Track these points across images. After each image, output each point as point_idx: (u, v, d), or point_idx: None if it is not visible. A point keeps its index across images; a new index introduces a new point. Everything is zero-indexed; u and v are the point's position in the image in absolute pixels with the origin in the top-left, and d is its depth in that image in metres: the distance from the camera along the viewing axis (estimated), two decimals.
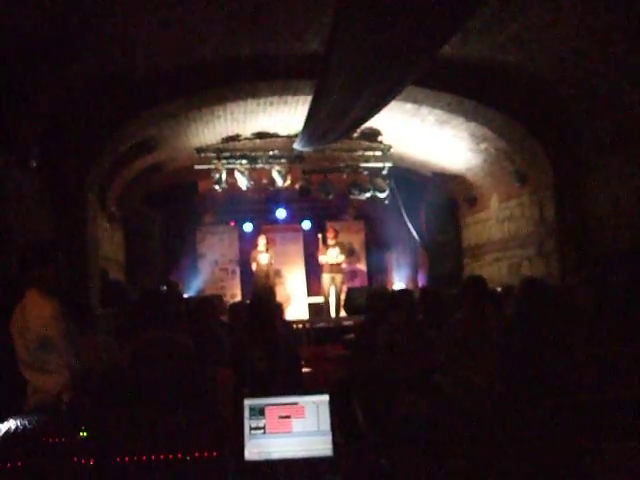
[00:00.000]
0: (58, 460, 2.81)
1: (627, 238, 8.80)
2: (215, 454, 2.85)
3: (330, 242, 14.93)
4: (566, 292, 6.53)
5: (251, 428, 3.00)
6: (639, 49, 7.43)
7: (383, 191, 14.47)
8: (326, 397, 3.08)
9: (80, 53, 7.55)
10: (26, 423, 2.96)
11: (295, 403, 3.06)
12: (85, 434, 2.93)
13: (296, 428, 3.02)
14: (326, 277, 15.03)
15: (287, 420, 3.03)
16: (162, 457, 2.80)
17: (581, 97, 8.99)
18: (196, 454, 2.83)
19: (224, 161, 13.31)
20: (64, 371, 4.51)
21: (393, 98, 7.67)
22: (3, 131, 7.52)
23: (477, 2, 5.56)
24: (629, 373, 4.42)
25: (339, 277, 14.99)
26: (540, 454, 2.98)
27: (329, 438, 3.00)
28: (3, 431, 2.91)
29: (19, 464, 2.78)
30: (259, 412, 3.03)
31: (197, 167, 13.39)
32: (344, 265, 15.17)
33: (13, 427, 2.94)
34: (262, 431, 3.00)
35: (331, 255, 14.84)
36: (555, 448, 3.01)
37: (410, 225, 15.71)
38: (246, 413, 3.02)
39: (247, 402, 3.05)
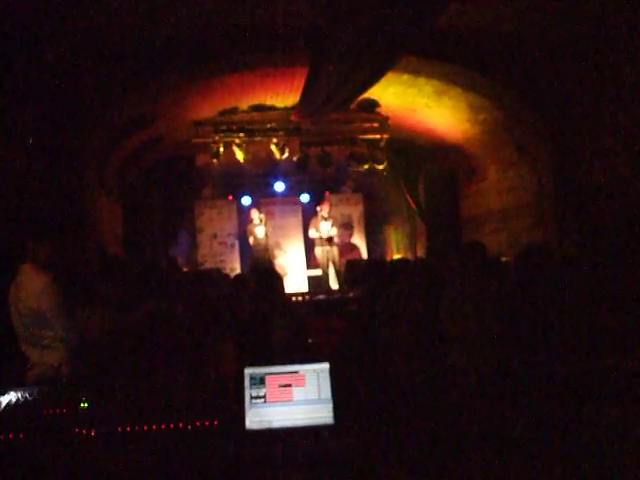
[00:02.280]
0: (59, 431, 2.83)
1: (625, 206, 8.79)
2: (216, 423, 2.87)
3: (324, 215, 14.90)
4: (565, 259, 6.54)
5: (252, 397, 3.00)
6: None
7: (381, 163, 14.46)
8: (326, 365, 3.09)
9: (75, 27, 7.48)
10: (27, 395, 2.97)
11: (295, 372, 3.07)
12: (86, 405, 2.94)
13: (297, 396, 3.03)
14: (320, 250, 15.04)
15: (288, 389, 3.03)
16: (163, 427, 2.81)
17: (579, 66, 8.94)
18: (197, 423, 2.84)
19: (221, 134, 13.25)
20: (60, 345, 4.53)
21: (390, 68, 7.63)
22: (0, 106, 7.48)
23: None
24: (627, 339, 4.43)
25: (335, 250, 15.01)
26: (540, 422, 2.99)
27: (330, 406, 3.01)
28: (4, 403, 2.92)
29: (21, 436, 2.80)
30: (259, 381, 3.03)
31: (195, 140, 13.33)
32: (336, 239, 15.15)
33: (14, 399, 2.95)
34: (263, 400, 3.00)
35: (323, 229, 14.87)
36: (555, 415, 3.02)
37: (408, 197, 15.68)
38: (246, 382, 3.03)
39: (247, 371, 3.05)
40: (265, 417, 2.98)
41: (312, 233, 15.10)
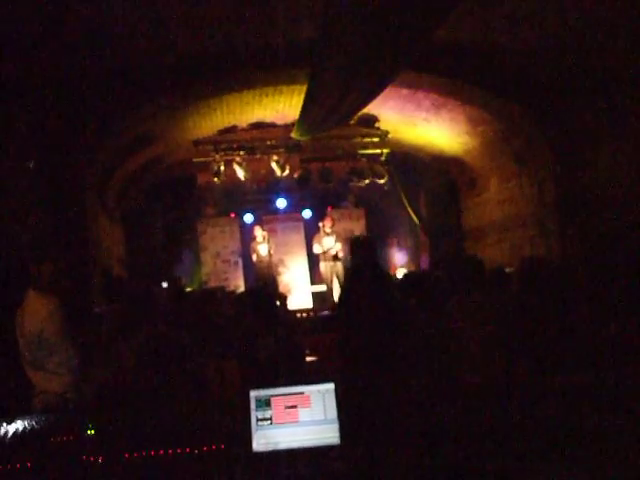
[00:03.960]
0: (67, 459, 2.82)
1: (628, 215, 8.78)
2: (222, 447, 2.86)
3: (327, 230, 14.88)
4: (567, 270, 6.53)
5: (258, 419, 3.00)
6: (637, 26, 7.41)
7: (382, 177, 14.47)
8: (332, 385, 3.09)
9: (75, 47, 7.52)
10: (34, 423, 2.97)
11: (301, 393, 3.06)
12: (92, 432, 2.94)
13: (303, 417, 3.02)
14: (324, 265, 15.00)
15: (293, 410, 3.03)
16: (170, 452, 2.81)
17: (577, 75, 8.95)
18: (204, 448, 2.84)
19: (222, 153, 13.29)
20: (65, 372, 4.53)
21: (390, 82, 7.64)
22: (2, 130, 7.52)
23: None
24: (631, 351, 4.42)
25: (339, 265, 14.98)
26: (543, 435, 2.99)
27: (336, 426, 3.00)
28: (11, 432, 2.92)
29: (28, 464, 2.80)
30: (265, 403, 3.03)
31: (195, 160, 13.39)
32: (340, 253, 15.10)
33: (21, 428, 2.95)
34: (269, 422, 3.00)
35: (327, 244, 14.82)
36: (558, 428, 3.01)
37: (410, 210, 15.70)
38: (252, 404, 3.02)
39: (253, 393, 3.05)
40: (271, 439, 2.98)
41: (316, 249, 15.02)
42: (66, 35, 7.19)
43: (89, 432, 2.93)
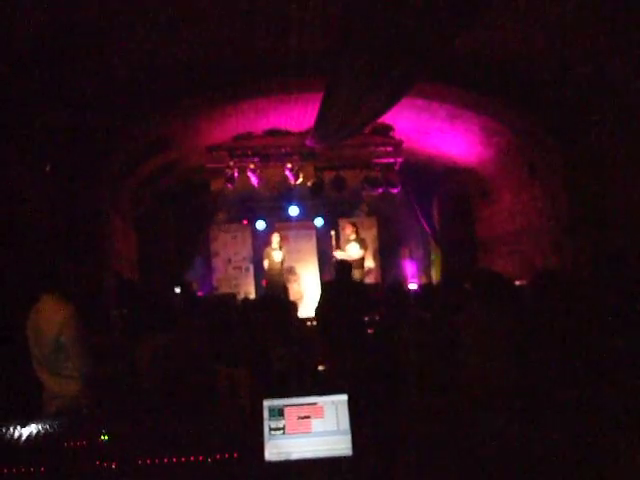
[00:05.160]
0: (80, 464, 2.84)
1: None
2: (235, 455, 2.87)
3: (351, 237, 14.76)
4: (579, 285, 6.51)
5: (271, 429, 3.01)
6: None
7: (395, 186, 14.45)
8: (345, 397, 3.09)
9: (92, 51, 7.56)
10: (47, 427, 2.98)
11: (314, 403, 3.07)
12: (106, 437, 2.95)
13: (315, 428, 3.03)
14: None
15: (306, 420, 3.04)
16: (183, 459, 2.82)
17: (594, 90, 8.94)
18: (217, 456, 2.85)
19: (236, 159, 13.30)
20: (79, 376, 4.55)
21: (405, 93, 7.65)
22: (17, 134, 7.55)
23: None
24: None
25: (358, 273, 14.89)
26: (556, 451, 2.98)
27: (348, 437, 3.01)
28: (25, 436, 2.94)
29: (42, 469, 2.81)
30: (278, 413, 3.04)
31: (209, 165, 13.39)
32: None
33: (35, 432, 2.96)
34: (282, 431, 3.01)
35: (352, 250, 14.55)
36: (572, 443, 3.01)
37: (423, 220, 15.68)
38: (265, 414, 3.04)
39: (266, 403, 3.06)
40: (284, 449, 2.99)
41: (340, 255, 14.59)
42: (82, 38, 7.23)
43: (103, 438, 2.94)
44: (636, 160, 8.85)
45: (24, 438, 2.93)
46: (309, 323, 11.58)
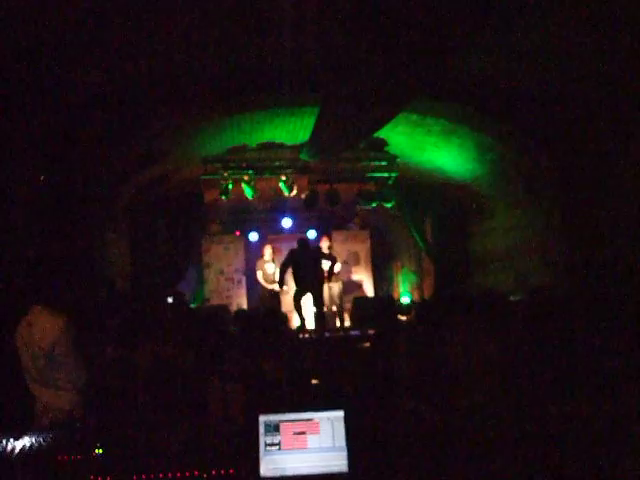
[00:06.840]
0: (74, 478, 2.81)
1: (634, 248, 8.77)
2: (231, 471, 2.86)
3: (325, 252, 14.80)
4: (573, 301, 6.51)
5: (266, 444, 3.00)
6: None
7: (389, 201, 14.45)
8: (341, 413, 3.08)
9: (85, 64, 7.56)
10: (41, 440, 2.96)
11: (310, 419, 3.06)
12: (100, 451, 2.93)
13: (311, 444, 3.02)
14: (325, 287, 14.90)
15: (302, 436, 3.02)
16: (179, 474, 2.80)
17: (589, 107, 8.98)
18: (213, 471, 2.83)
19: (230, 171, 13.30)
20: (72, 388, 4.52)
21: (401, 109, 7.68)
22: (10, 145, 7.54)
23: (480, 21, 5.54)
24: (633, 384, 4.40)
25: (336, 287, 14.91)
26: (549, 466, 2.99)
27: (344, 454, 3.00)
28: (18, 449, 2.91)
29: None
30: (274, 428, 3.02)
31: (203, 177, 13.39)
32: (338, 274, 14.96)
33: (28, 444, 2.94)
34: (277, 447, 3.00)
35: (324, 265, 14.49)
36: (564, 457, 3.01)
37: (416, 234, 15.70)
38: (261, 429, 3.02)
39: (262, 418, 3.05)
40: (279, 465, 2.97)
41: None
42: (76, 50, 7.22)
43: (97, 451, 2.92)
44: (630, 176, 8.89)
45: (17, 451, 2.91)
46: (301, 335, 11.55)
